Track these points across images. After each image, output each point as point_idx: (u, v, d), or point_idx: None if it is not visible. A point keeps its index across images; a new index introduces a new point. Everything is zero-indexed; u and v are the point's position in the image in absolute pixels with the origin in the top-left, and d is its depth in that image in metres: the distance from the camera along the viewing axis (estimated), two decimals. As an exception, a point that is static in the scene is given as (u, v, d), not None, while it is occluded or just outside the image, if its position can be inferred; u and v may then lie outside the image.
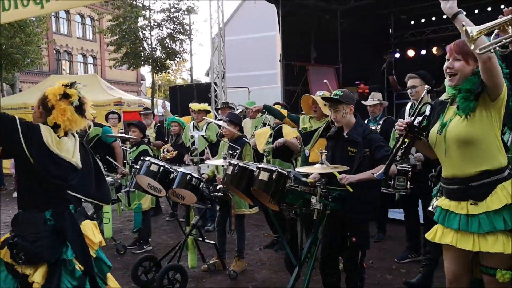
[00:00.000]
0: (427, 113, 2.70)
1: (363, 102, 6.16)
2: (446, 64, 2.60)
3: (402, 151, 2.67)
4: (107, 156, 5.96)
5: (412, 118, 2.66)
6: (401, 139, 2.67)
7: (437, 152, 2.69)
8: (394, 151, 2.70)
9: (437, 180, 4.09)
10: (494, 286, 2.54)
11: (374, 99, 6.01)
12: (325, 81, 5.68)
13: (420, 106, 2.80)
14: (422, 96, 3.50)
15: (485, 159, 2.51)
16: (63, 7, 3.55)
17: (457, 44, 2.58)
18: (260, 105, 5.66)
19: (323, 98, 4.19)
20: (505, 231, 2.45)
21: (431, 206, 3.95)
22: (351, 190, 3.41)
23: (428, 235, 2.76)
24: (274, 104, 6.28)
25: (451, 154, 2.58)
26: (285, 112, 5.46)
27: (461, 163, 2.55)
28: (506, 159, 2.54)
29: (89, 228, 2.82)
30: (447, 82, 2.62)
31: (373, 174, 2.93)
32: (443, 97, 2.75)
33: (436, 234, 2.69)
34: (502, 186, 2.48)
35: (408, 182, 4.71)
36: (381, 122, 5.87)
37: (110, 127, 7.15)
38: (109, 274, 2.96)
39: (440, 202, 2.75)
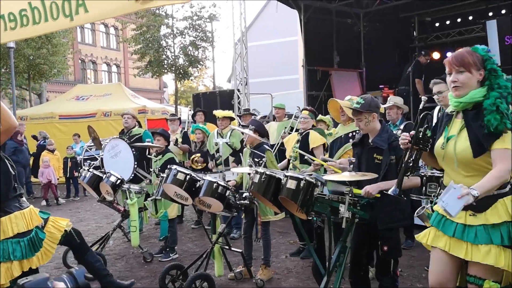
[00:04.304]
0: (428, 123, 2.68)
1: (382, 106, 6.05)
2: (450, 78, 2.60)
3: (411, 164, 2.67)
4: (136, 169, 6.12)
5: (415, 130, 2.65)
6: (408, 152, 2.68)
7: (442, 164, 2.70)
8: (403, 165, 2.70)
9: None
10: None
11: (391, 102, 5.88)
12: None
13: (420, 117, 2.73)
14: None
15: None
16: (92, 19, 3.59)
17: (455, 57, 2.59)
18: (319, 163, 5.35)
19: (345, 107, 4.17)
20: (499, 245, 2.44)
21: (429, 208, 3.86)
22: (378, 195, 3.36)
23: (421, 238, 2.77)
24: (302, 110, 6.23)
25: (457, 168, 2.59)
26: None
27: (466, 176, 2.56)
28: (509, 175, 2.50)
29: None
30: (451, 94, 2.63)
31: (385, 191, 2.87)
32: (448, 109, 2.75)
33: (429, 236, 2.72)
34: (503, 201, 2.48)
35: (440, 188, 4.61)
36: (401, 127, 5.74)
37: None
38: None
39: (437, 207, 2.74)
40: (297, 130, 6.91)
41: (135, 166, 6.19)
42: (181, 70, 18.86)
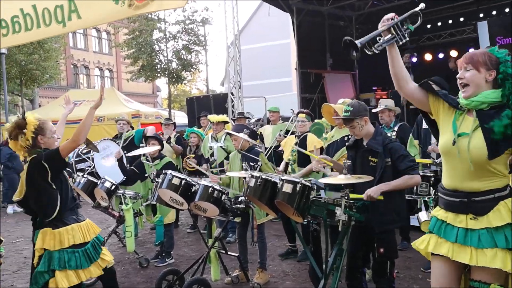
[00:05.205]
0: (418, 23, 2.66)
1: (372, 110, 6.05)
2: (458, 76, 2.55)
3: (382, 36, 2.68)
4: (133, 167, 6.13)
5: (401, 18, 2.63)
6: (384, 26, 2.66)
7: (448, 160, 2.59)
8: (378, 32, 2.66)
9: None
10: None
11: (382, 105, 5.90)
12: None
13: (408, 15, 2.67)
14: None
15: (495, 178, 2.46)
16: (85, 25, 3.58)
17: (466, 55, 2.54)
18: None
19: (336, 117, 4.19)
20: (504, 248, 2.39)
21: (425, 215, 3.88)
22: (382, 198, 3.36)
23: (419, 245, 2.69)
24: (298, 113, 6.20)
25: (463, 167, 2.49)
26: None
27: (470, 178, 2.48)
28: (510, 178, 2.49)
29: None
30: (461, 94, 2.56)
31: None
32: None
33: (429, 244, 2.63)
34: (504, 203, 2.44)
35: (431, 188, 4.64)
36: (396, 129, 5.77)
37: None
38: None
39: (435, 212, 2.69)
40: (293, 133, 6.91)
41: (127, 166, 6.24)
42: (174, 74, 18.83)
